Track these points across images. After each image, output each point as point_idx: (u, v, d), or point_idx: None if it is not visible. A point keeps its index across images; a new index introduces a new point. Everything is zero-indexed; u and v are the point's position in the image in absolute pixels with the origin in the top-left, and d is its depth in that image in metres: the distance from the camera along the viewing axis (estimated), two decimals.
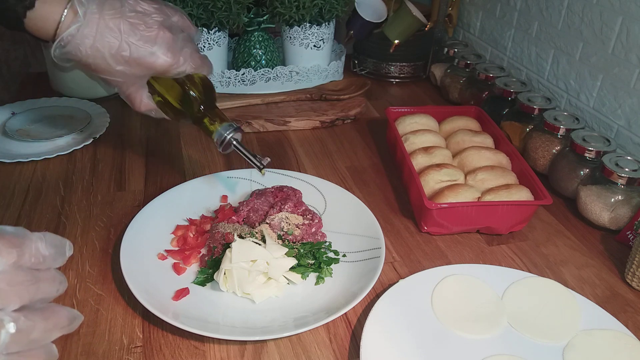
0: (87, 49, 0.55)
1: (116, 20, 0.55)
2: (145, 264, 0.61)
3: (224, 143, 0.63)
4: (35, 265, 0.34)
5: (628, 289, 0.64)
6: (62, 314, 0.36)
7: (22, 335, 0.32)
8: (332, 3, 0.97)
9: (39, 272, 0.34)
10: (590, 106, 0.89)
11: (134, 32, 0.56)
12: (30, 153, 0.83)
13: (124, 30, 0.56)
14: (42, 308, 0.34)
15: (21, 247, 0.33)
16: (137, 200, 0.75)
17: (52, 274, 0.35)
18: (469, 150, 0.79)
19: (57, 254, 0.35)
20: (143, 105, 0.63)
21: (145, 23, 0.57)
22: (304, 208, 0.69)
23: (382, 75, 1.18)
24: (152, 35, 0.57)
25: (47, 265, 0.35)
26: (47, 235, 0.35)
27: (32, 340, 0.33)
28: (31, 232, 0.34)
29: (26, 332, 0.33)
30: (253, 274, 0.58)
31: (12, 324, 0.31)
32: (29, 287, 0.33)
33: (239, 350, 0.54)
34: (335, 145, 0.92)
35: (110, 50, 0.56)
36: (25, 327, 0.32)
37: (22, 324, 0.32)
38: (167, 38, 0.58)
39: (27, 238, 0.34)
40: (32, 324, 0.33)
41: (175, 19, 0.61)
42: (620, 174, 0.69)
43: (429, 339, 0.54)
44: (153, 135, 0.93)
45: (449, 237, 0.71)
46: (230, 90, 1.02)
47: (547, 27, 0.97)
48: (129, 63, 0.57)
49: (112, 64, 0.57)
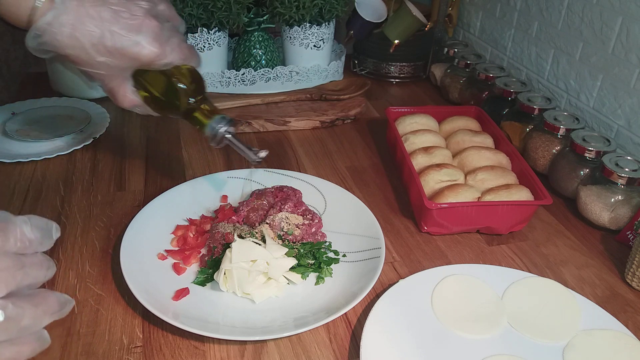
0: (65, 38, 0.50)
1: (97, 7, 0.51)
2: (145, 264, 0.61)
3: (217, 137, 0.59)
4: (21, 250, 0.33)
5: (628, 289, 0.64)
6: (52, 299, 0.35)
7: (11, 323, 0.31)
8: (332, 3, 0.97)
9: (25, 257, 0.33)
10: (590, 106, 0.89)
11: (117, 20, 0.52)
12: (30, 153, 0.83)
13: (106, 18, 0.51)
14: (31, 294, 0.33)
15: (4, 231, 0.32)
16: (137, 200, 0.75)
17: (39, 259, 0.34)
18: (469, 150, 0.79)
19: (44, 237, 0.34)
20: (127, 100, 0.59)
21: (129, 10, 0.53)
22: (304, 208, 0.69)
23: (382, 75, 1.18)
24: (137, 24, 0.53)
25: (33, 249, 0.34)
26: (32, 218, 0.34)
27: (22, 328, 0.32)
28: (15, 216, 0.33)
29: (16, 320, 0.31)
30: (253, 274, 0.58)
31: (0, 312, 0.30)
32: (15, 273, 0.32)
33: (239, 350, 0.54)
34: (335, 145, 0.92)
35: (91, 39, 0.51)
36: (14, 314, 0.31)
37: (11, 312, 0.31)
38: (154, 27, 0.54)
39: (11, 222, 0.32)
40: (22, 311, 0.32)
41: (162, 7, 0.57)
42: (620, 174, 0.69)
43: (429, 339, 0.54)
44: (153, 135, 0.93)
45: (449, 237, 0.71)
46: (230, 90, 1.02)
47: (547, 27, 0.97)
48: (111, 53, 0.53)
49: (93, 54, 0.52)
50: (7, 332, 0.31)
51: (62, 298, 0.35)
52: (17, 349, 0.33)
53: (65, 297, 0.36)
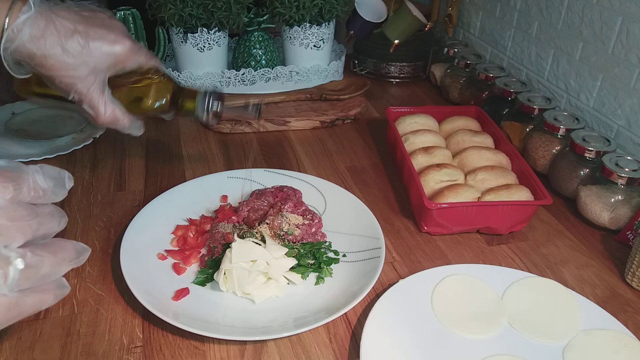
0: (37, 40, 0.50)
1: (67, 11, 0.53)
2: (145, 264, 0.61)
3: (210, 113, 0.59)
4: (35, 199, 0.33)
5: (628, 289, 0.64)
6: (69, 247, 0.35)
7: (32, 271, 0.32)
8: (332, 3, 0.97)
9: (38, 207, 0.33)
10: (590, 106, 0.89)
11: (86, 21, 0.54)
12: (30, 153, 0.83)
13: (77, 20, 0.53)
14: (48, 243, 0.34)
15: (17, 180, 0.32)
16: (137, 200, 0.75)
17: (51, 209, 0.34)
18: (469, 150, 0.79)
19: (57, 186, 0.34)
20: (108, 109, 0.58)
21: (95, 15, 0.56)
22: (304, 208, 0.69)
23: (382, 75, 1.18)
24: (107, 23, 0.56)
25: (47, 199, 0.34)
26: (44, 167, 0.34)
27: (42, 276, 0.33)
28: (27, 165, 0.33)
29: (35, 268, 0.32)
30: (253, 274, 0.58)
31: (19, 260, 0.31)
32: (31, 222, 0.32)
33: (239, 350, 0.54)
34: (335, 145, 0.92)
35: (65, 37, 0.52)
36: (33, 262, 0.32)
37: (30, 259, 0.32)
38: (121, 26, 0.57)
39: (24, 171, 0.33)
40: (40, 259, 0.32)
41: None
42: (620, 174, 0.69)
43: (429, 339, 0.54)
44: (153, 135, 0.93)
45: (449, 237, 0.71)
46: (230, 90, 1.02)
47: (547, 27, 0.97)
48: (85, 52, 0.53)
49: (65, 55, 0.52)
50: (28, 280, 0.32)
51: (79, 246, 0.36)
52: (39, 297, 0.33)
53: (82, 245, 0.36)
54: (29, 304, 0.33)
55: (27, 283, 0.32)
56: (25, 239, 0.32)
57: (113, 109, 0.59)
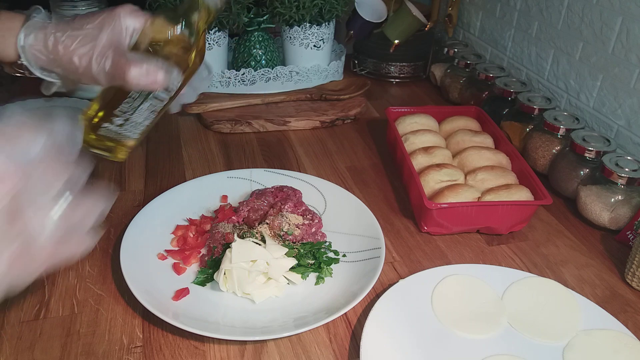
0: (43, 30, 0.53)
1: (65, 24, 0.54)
2: (145, 264, 0.61)
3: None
4: (60, 151, 0.36)
5: (628, 289, 0.64)
6: (97, 194, 0.38)
7: (65, 220, 0.35)
8: (332, 3, 0.97)
9: (64, 157, 0.37)
10: (590, 106, 0.89)
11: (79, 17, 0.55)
12: None
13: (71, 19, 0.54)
14: (76, 194, 0.37)
15: (43, 132, 0.35)
16: (137, 200, 0.75)
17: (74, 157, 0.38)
18: (469, 150, 0.79)
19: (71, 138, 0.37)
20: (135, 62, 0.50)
21: None
22: (304, 208, 0.69)
23: (382, 75, 1.18)
24: None
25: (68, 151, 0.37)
26: (55, 122, 0.37)
27: (73, 224, 0.36)
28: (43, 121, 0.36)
29: (67, 218, 0.36)
30: (253, 274, 0.58)
31: (67, 192, 0.35)
32: (63, 172, 0.36)
33: (239, 350, 0.54)
34: (335, 145, 0.92)
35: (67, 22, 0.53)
36: (67, 211, 0.35)
37: (63, 208, 0.35)
38: None
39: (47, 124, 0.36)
40: (72, 208, 0.36)
41: None
42: (620, 174, 0.69)
43: (429, 339, 0.54)
44: (153, 135, 0.92)
45: (449, 237, 0.71)
46: (230, 90, 1.02)
47: (547, 27, 0.97)
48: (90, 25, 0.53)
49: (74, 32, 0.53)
50: (61, 229, 0.36)
51: (102, 193, 0.39)
52: (73, 247, 0.37)
53: (105, 191, 0.39)
54: (64, 254, 0.36)
55: (59, 232, 0.35)
56: (57, 188, 0.35)
57: (141, 62, 0.51)
